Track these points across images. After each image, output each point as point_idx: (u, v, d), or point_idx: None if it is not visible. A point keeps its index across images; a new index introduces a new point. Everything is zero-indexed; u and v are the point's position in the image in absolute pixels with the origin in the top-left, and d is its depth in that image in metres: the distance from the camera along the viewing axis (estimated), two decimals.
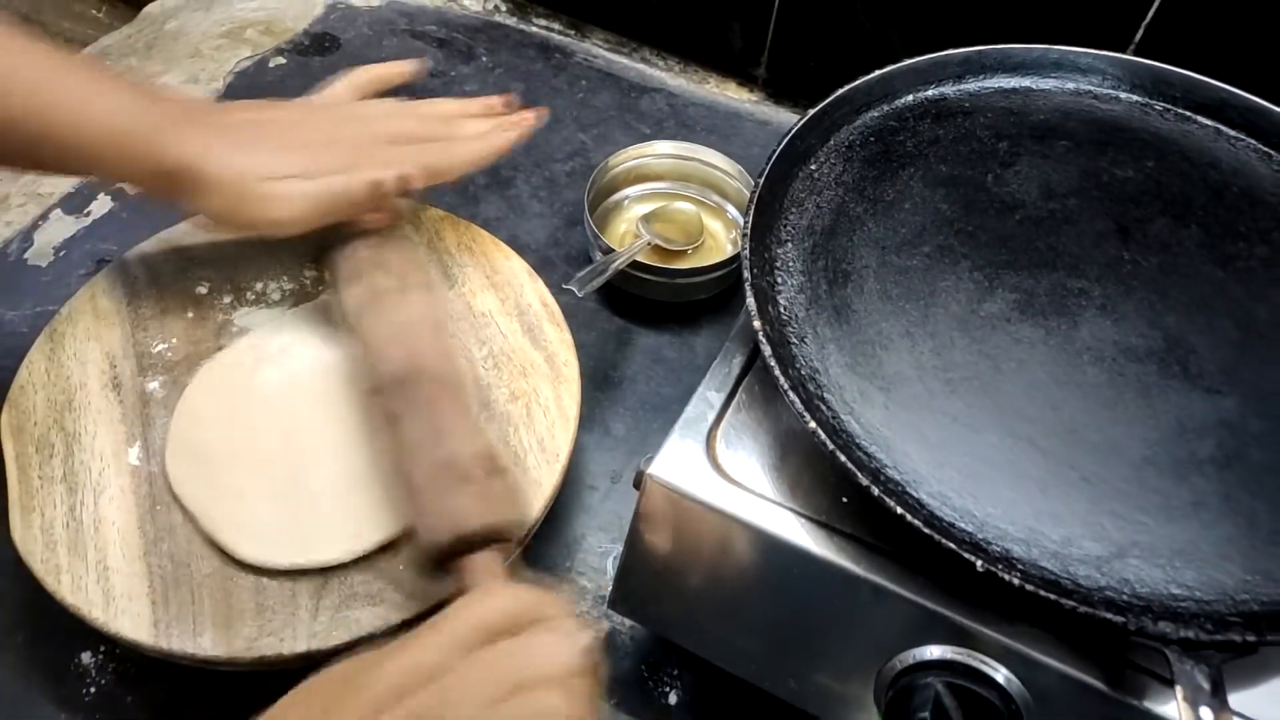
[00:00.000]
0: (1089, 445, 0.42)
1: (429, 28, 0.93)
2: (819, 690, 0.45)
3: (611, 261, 0.64)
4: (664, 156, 0.75)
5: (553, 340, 0.59)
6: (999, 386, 0.44)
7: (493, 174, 0.80)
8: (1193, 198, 0.51)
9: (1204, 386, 0.44)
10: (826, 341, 0.46)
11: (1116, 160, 0.53)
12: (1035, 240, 0.49)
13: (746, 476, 0.45)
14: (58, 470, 0.50)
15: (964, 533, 0.40)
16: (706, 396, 0.47)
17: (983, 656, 0.40)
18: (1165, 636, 0.36)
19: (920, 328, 0.46)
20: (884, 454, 0.42)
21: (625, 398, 0.66)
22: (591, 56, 0.92)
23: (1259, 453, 0.42)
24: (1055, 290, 0.47)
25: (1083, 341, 0.45)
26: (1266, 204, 0.51)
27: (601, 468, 0.63)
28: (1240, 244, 0.49)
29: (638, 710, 0.53)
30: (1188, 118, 0.56)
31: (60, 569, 0.46)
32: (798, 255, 0.49)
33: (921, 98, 0.56)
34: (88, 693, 0.52)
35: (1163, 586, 0.39)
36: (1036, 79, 0.57)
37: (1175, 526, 0.40)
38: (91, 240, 0.72)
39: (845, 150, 0.54)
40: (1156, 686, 0.39)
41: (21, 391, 0.52)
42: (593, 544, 0.59)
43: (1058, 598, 0.37)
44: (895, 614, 0.42)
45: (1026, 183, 0.52)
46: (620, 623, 0.56)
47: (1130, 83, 0.57)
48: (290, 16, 0.94)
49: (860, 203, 0.51)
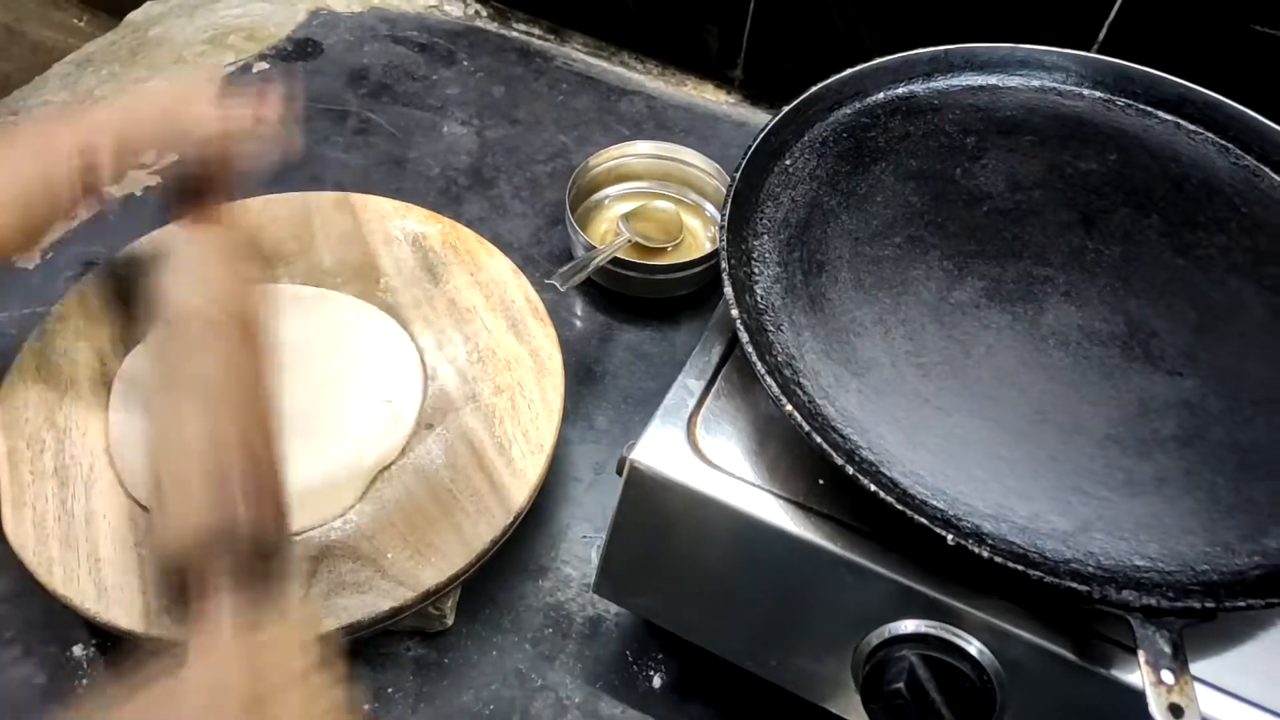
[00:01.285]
0: (1055, 425, 0.44)
1: (410, 33, 0.95)
2: (799, 667, 0.47)
3: (593, 257, 0.66)
4: (643, 156, 0.77)
5: (537, 335, 0.60)
6: (968, 370, 0.45)
7: (475, 174, 0.81)
8: (1153, 189, 0.53)
9: (1165, 368, 0.46)
10: (802, 329, 0.47)
11: (1080, 154, 0.55)
12: (1002, 230, 0.51)
13: (726, 461, 0.46)
14: (49, 465, 0.51)
15: (936, 510, 0.41)
16: (687, 384, 0.49)
17: (956, 630, 0.42)
18: (1128, 604, 0.38)
19: (892, 315, 0.47)
20: (858, 436, 0.43)
21: (608, 392, 0.68)
22: (571, 60, 0.93)
23: (1219, 430, 0.44)
24: (1022, 278, 0.49)
25: (1048, 326, 0.47)
26: (1224, 195, 0.53)
27: (585, 460, 0.64)
28: (1199, 233, 0.51)
29: (622, 694, 0.54)
30: (1149, 113, 0.58)
31: (53, 561, 0.47)
32: (774, 247, 0.50)
33: (892, 95, 0.58)
34: (80, 685, 0.52)
35: (1126, 558, 0.40)
36: (1003, 76, 0.59)
37: (1139, 501, 0.42)
38: (78, 243, 0.73)
39: (819, 146, 0.55)
40: (1122, 655, 0.40)
41: (13, 389, 0.53)
42: (577, 534, 0.60)
43: (1026, 569, 0.38)
44: (871, 590, 0.43)
45: (993, 176, 0.54)
46: (605, 609, 0.57)
47: (1093, 80, 0.59)
48: (273, 22, 0.95)
49: (833, 196, 0.53)
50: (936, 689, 0.41)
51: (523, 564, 0.59)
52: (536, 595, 0.58)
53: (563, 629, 0.57)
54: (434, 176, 0.81)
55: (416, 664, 0.55)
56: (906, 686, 0.41)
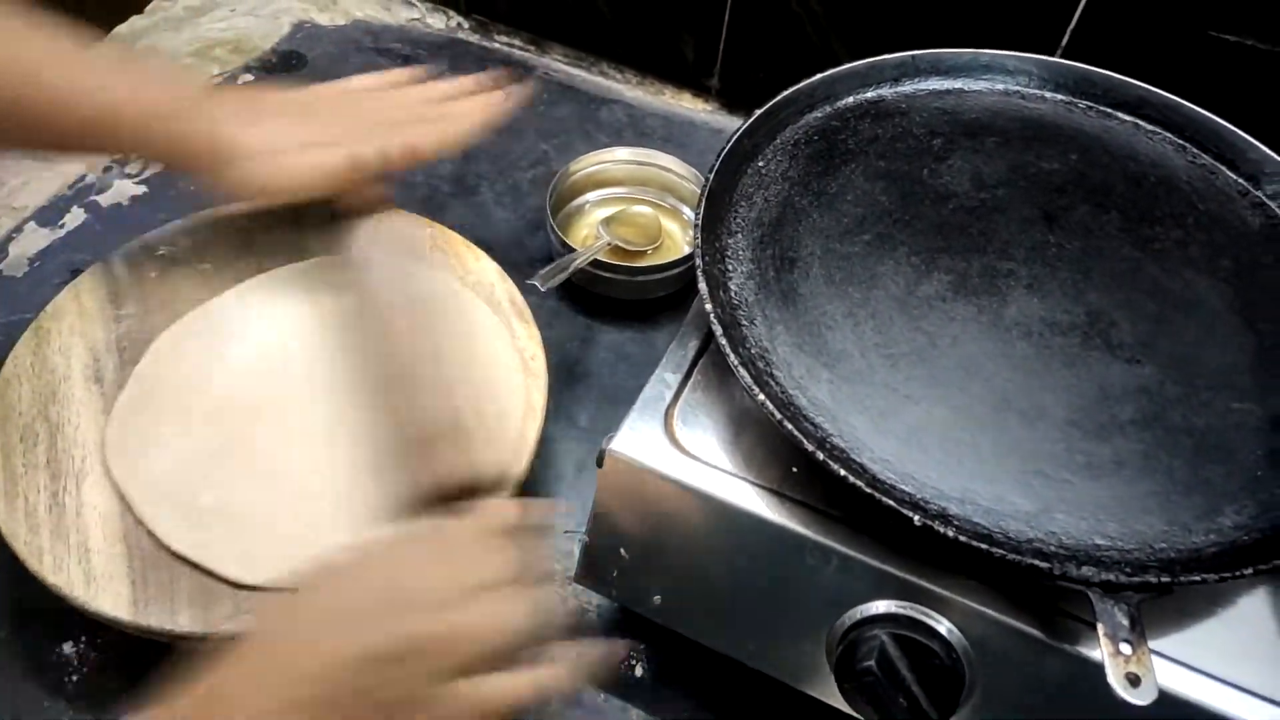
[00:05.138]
0: (1018, 412, 0.45)
1: (393, 45, 0.96)
2: (776, 651, 0.48)
3: (574, 259, 0.67)
4: (623, 162, 0.78)
5: (521, 336, 0.61)
6: (935, 360, 0.47)
7: (458, 181, 0.82)
8: (1113, 186, 0.55)
9: (1124, 357, 0.48)
10: (775, 323, 0.49)
11: (1043, 154, 0.57)
12: (968, 227, 0.53)
13: (703, 451, 0.47)
14: (41, 458, 0.52)
15: (904, 493, 0.43)
16: (664, 378, 0.50)
17: (925, 609, 0.43)
18: (1088, 580, 0.39)
19: (862, 309, 0.49)
20: (829, 424, 0.45)
21: (589, 391, 0.69)
22: (552, 70, 0.95)
23: (1175, 415, 0.46)
24: (986, 272, 0.51)
25: (1012, 318, 0.49)
26: (1180, 191, 0.55)
27: (568, 457, 0.65)
28: (1156, 228, 0.53)
29: (605, 684, 0.55)
30: (1109, 114, 0.60)
31: (43, 550, 0.48)
32: (747, 245, 0.52)
33: (861, 99, 0.60)
34: (70, 681, 0.53)
35: (1087, 537, 0.42)
36: (968, 80, 0.61)
37: (1099, 484, 0.44)
38: (66, 251, 0.74)
39: (790, 148, 0.57)
40: (1085, 631, 0.42)
41: (7, 384, 0.54)
42: (560, 529, 0.61)
43: (990, 548, 0.40)
44: (844, 573, 0.44)
45: (959, 175, 0.55)
46: (588, 600, 0.58)
47: (1055, 83, 0.61)
48: (258, 35, 0.96)
49: (805, 196, 0.54)
50: (907, 667, 0.42)
51: None
52: None
53: None
54: (417, 184, 0.82)
55: None
56: (878, 665, 0.42)
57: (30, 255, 0.73)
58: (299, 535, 0.51)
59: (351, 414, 0.55)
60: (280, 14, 0.98)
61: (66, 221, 0.76)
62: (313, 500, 0.53)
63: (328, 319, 0.60)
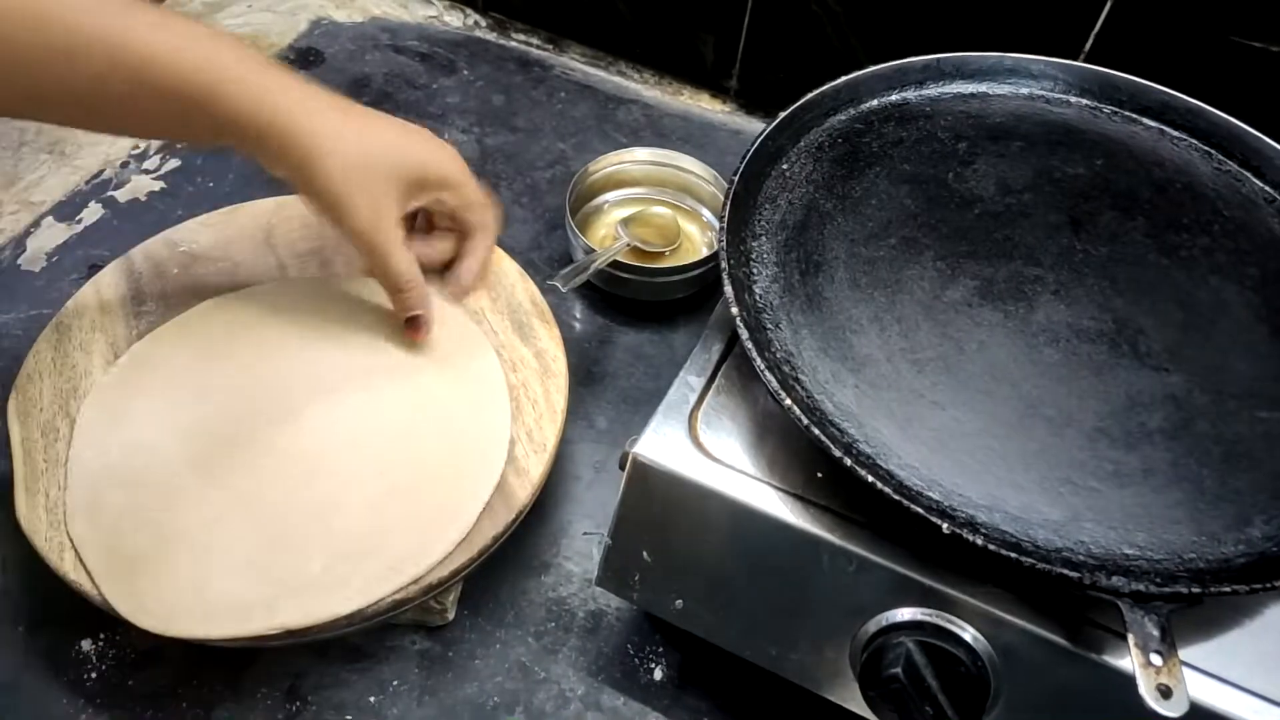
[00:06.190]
0: (1046, 419, 0.45)
1: (411, 42, 0.96)
2: (799, 656, 0.48)
3: (593, 260, 0.67)
4: (642, 163, 0.78)
5: (542, 337, 0.61)
6: (962, 366, 0.47)
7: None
8: (1138, 193, 0.55)
9: (1151, 364, 0.47)
10: (800, 327, 0.48)
11: (1068, 159, 0.57)
12: (993, 232, 0.52)
13: (726, 454, 0.47)
14: (62, 454, 0.52)
15: (931, 500, 0.42)
16: (687, 381, 0.50)
17: (951, 617, 0.43)
18: (1118, 590, 0.39)
19: (888, 313, 0.49)
20: (855, 429, 0.45)
21: (608, 392, 0.69)
22: (570, 70, 0.95)
23: (1204, 424, 0.45)
24: (1012, 278, 0.50)
25: (1039, 324, 0.48)
26: (1206, 198, 0.55)
27: (586, 459, 0.65)
28: (1183, 234, 0.53)
29: (623, 686, 0.55)
30: (1134, 120, 0.59)
31: (63, 547, 0.48)
32: (771, 248, 0.52)
33: (885, 102, 0.60)
34: (89, 678, 0.53)
35: (1116, 547, 0.42)
36: (993, 84, 0.61)
37: (1127, 492, 0.43)
38: (83, 246, 0.74)
39: (815, 151, 0.57)
40: (1113, 641, 0.41)
41: (29, 380, 0.54)
42: (578, 530, 0.61)
43: (1019, 557, 0.39)
44: (868, 579, 0.44)
45: (984, 180, 0.55)
46: (607, 603, 0.58)
47: (1080, 88, 0.61)
48: (275, 32, 0.96)
49: (829, 199, 0.54)
50: (933, 675, 0.42)
51: (525, 560, 0.60)
52: (539, 590, 0.59)
53: (565, 623, 0.58)
54: None
55: (421, 657, 0.56)
56: (904, 673, 0.42)
57: (48, 250, 0.73)
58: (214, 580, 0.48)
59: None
60: (298, 10, 0.98)
61: (84, 217, 0.76)
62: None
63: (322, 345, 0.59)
